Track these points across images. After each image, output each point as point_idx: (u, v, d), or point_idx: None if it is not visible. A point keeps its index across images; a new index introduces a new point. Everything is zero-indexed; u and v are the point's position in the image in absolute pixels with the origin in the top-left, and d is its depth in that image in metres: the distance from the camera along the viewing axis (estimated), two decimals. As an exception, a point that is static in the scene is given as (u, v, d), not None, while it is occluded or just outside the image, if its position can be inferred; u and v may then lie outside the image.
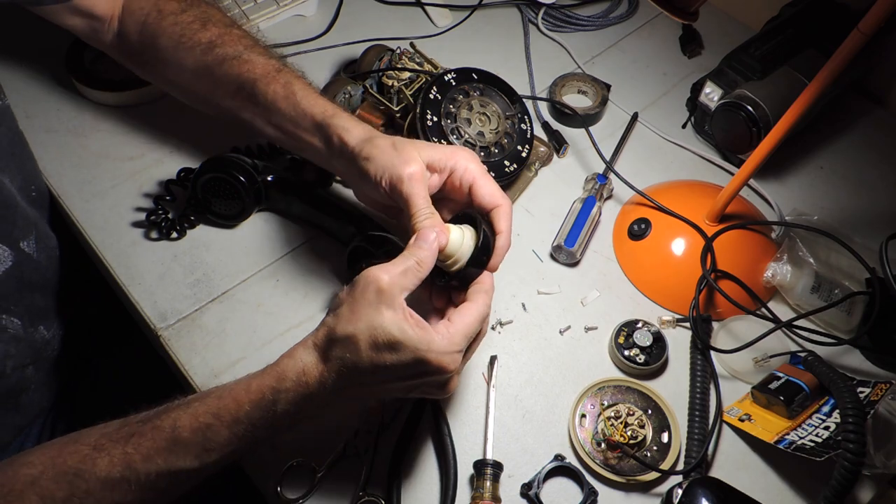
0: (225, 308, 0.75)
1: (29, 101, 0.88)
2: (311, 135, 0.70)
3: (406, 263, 0.57)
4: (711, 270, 0.77)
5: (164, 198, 0.79)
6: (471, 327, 0.58)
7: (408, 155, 0.63)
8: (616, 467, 0.67)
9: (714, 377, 0.74)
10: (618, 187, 0.88)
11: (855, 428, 0.60)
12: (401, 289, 0.56)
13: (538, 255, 0.82)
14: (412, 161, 0.63)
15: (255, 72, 0.72)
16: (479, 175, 0.64)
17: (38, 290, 0.79)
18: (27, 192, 0.77)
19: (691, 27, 1.05)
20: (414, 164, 0.63)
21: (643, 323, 0.75)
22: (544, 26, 1.05)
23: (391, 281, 0.55)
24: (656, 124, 0.96)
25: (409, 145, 0.64)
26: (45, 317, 0.81)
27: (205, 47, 0.74)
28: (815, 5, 0.93)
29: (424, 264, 0.58)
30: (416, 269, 0.57)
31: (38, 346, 0.80)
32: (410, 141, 0.65)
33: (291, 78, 0.72)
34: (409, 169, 0.62)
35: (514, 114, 0.84)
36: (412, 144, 0.65)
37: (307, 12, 1.03)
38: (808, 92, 0.66)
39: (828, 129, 0.96)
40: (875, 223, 0.88)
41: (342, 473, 0.66)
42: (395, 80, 0.84)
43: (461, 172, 0.64)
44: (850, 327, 0.76)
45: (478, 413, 0.70)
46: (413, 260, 0.57)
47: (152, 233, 0.79)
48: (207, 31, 0.75)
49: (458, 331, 0.57)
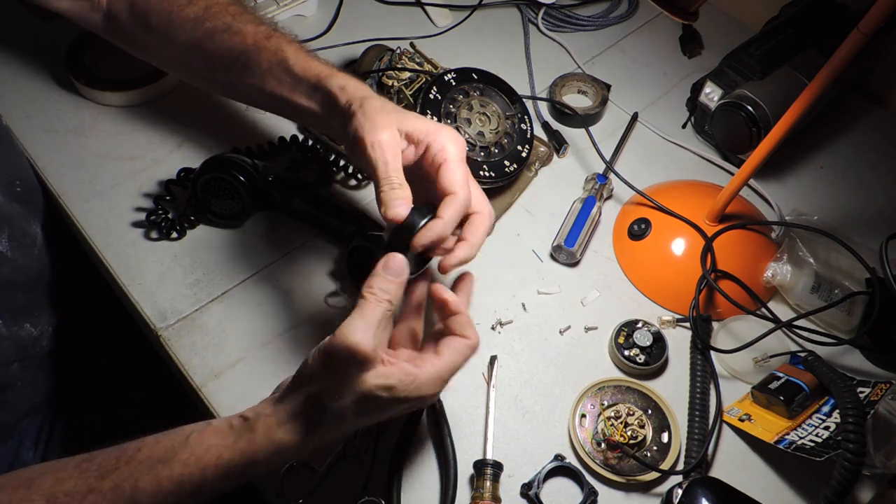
0: (225, 308, 0.75)
1: (29, 101, 0.88)
2: (308, 99, 0.68)
3: (377, 315, 0.53)
4: (711, 270, 0.77)
5: (164, 198, 0.79)
6: (452, 364, 0.56)
7: (384, 120, 0.60)
8: (616, 467, 0.67)
9: (714, 377, 0.74)
10: (618, 187, 0.88)
11: (855, 428, 0.60)
12: (379, 343, 0.53)
13: (538, 255, 0.82)
14: (384, 127, 0.59)
15: (245, 42, 0.70)
16: (453, 158, 0.60)
17: (20, 288, 0.78)
18: (10, 188, 0.76)
19: (691, 27, 1.05)
20: (385, 132, 0.59)
21: (643, 323, 0.75)
22: (544, 26, 1.05)
23: (368, 344, 0.51)
24: (656, 124, 0.96)
25: (394, 112, 0.61)
26: (30, 314, 0.81)
27: (193, 23, 0.72)
28: (815, 5, 0.93)
29: (395, 301, 0.54)
30: (388, 312, 0.54)
31: (25, 344, 0.80)
32: (397, 109, 0.62)
33: (283, 43, 0.70)
34: (378, 135, 0.59)
35: (514, 114, 0.84)
36: (397, 112, 0.62)
37: (307, 12, 1.03)
38: (808, 92, 0.66)
39: (828, 129, 0.96)
40: (875, 223, 0.88)
41: (342, 473, 0.66)
42: (395, 80, 0.84)
43: (436, 149, 0.60)
44: (850, 327, 0.76)
45: (478, 413, 0.70)
46: (383, 307, 0.53)
47: (152, 233, 0.79)
48: (194, 4, 0.73)
49: (442, 364, 0.55)
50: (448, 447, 0.67)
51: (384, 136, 0.59)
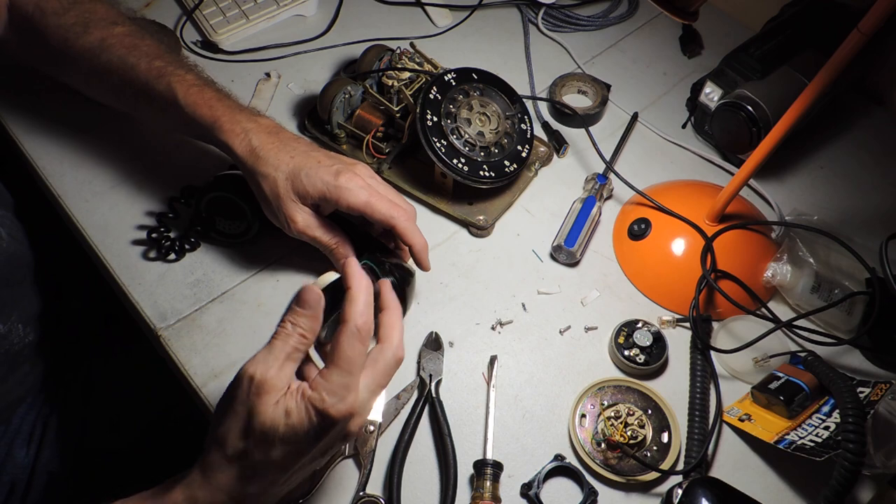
0: (225, 308, 0.75)
1: (29, 101, 0.88)
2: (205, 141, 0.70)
3: (281, 347, 0.52)
4: (711, 270, 0.77)
5: (167, 215, 0.77)
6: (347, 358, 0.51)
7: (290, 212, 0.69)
8: (616, 467, 0.67)
9: (714, 377, 0.74)
10: (618, 187, 0.88)
11: (855, 428, 0.60)
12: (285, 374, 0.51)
13: (538, 255, 0.82)
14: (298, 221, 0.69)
15: (139, 80, 0.71)
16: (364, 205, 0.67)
17: None
18: None
19: (691, 27, 1.05)
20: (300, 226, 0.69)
21: (643, 323, 0.75)
22: (544, 26, 1.05)
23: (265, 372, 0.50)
24: (656, 124, 0.96)
25: (289, 201, 0.68)
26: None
27: (90, 54, 0.72)
28: (815, 5, 0.93)
29: (311, 337, 0.53)
30: (301, 344, 0.52)
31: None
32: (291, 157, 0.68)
33: (174, 81, 0.70)
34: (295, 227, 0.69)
35: (514, 114, 0.84)
36: (286, 196, 0.68)
37: (307, 12, 1.03)
38: (808, 92, 0.66)
39: (828, 129, 0.96)
40: (875, 223, 0.88)
41: (342, 473, 0.66)
42: (395, 80, 0.84)
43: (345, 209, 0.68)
44: (850, 327, 0.76)
45: (478, 413, 0.70)
46: (291, 340, 0.52)
47: (151, 252, 0.77)
48: (90, 34, 0.72)
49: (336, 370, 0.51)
50: (448, 447, 0.67)
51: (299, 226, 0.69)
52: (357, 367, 0.51)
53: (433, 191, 0.83)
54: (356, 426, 0.52)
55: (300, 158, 0.68)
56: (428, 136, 0.78)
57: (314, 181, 0.67)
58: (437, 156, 0.78)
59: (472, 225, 0.82)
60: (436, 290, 0.78)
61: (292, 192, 0.68)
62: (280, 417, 0.49)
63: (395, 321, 0.56)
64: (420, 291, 0.77)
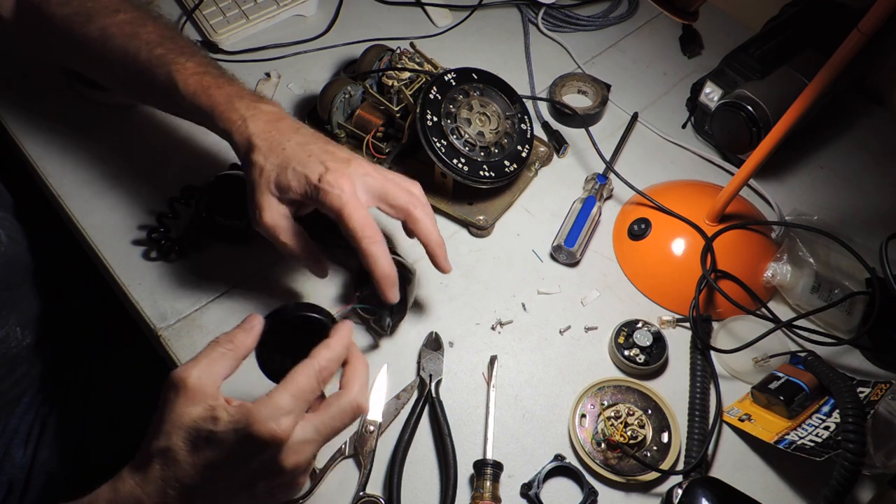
0: (225, 308, 0.75)
1: (29, 101, 0.88)
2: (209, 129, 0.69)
3: (210, 353, 0.53)
4: (711, 270, 0.77)
5: (167, 215, 0.77)
6: (297, 384, 0.52)
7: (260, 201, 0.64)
8: (616, 467, 0.67)
9: (714, 377, 0.74)
10: (618, 187, 0.88)
11: (855, 428, 0.60)
12: (213, 380, 0.51)
13: (538, 255, 0.82)
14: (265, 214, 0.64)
15: (140, 70, 0.70)
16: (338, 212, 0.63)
17: None
18: None
19: (691, 27, 1.05)
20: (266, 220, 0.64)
21: (643, 323, 0.75)
22: (544, 26, 1.05)
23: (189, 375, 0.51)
24: (656, 124, 0.96)
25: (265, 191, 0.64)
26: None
27: (93, 44, 0.72)
28: (815, 5, 0.93)
29: (241, 348, 0.54)
30: (228, 351, 0.53)
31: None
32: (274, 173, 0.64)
33: (173, 71, 0.69)
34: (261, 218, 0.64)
35: (514, 114, 0.84)
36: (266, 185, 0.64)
37: (307, 12, 1.03)
38: (808, 92, 0.66)
39: (828, 129, 0.96)
40: (875, 223, 0.88)
41: (342, 473, 0.66)
42: (395, 80, 0.84)
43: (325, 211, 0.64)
44: (850, 327, 0.76)
45: (478, 413, 0.70)
46: (220, 348, 0.53)
47: (152, 252, 0.77)
48: (92, 23, 0.72)
49: (280, 390, 0.51)
50: (448, 447, 0.67)
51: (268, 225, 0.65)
52: (303, 398, 0.52)
53: (433, 191, 0.83)
54: (291, 463, 0.51)
55: (293, 150, 0.65)
56: (428, 136, 0.78)
57: (299, 176, 0.63)
58: (437, 156, 0.78)
59: (472, 225, 0.82)
60: (436, 290, 0.78)
61: (273, 184, 0.64)
62: (206, 421, 0.50)
63: (358, 372, 0.56)
64: (420, 291, 0.77)
